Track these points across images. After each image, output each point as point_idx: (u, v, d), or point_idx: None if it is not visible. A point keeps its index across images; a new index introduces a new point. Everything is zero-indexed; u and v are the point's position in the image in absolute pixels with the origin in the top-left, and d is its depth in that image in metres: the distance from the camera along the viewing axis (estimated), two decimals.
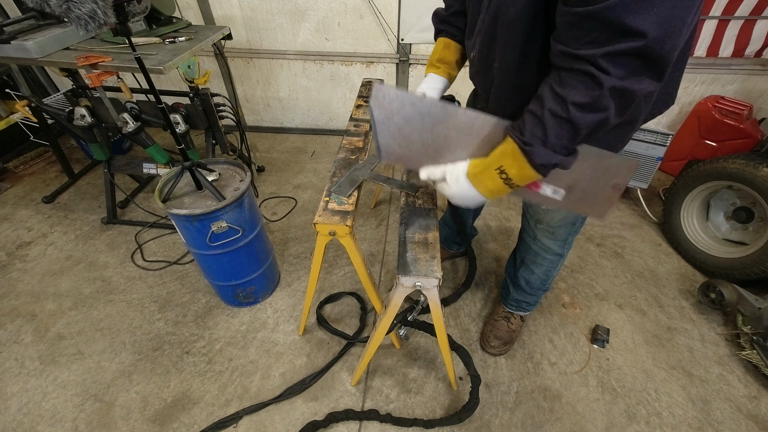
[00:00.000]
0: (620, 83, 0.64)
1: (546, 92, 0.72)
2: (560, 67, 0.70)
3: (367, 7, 2.45)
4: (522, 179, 0.79)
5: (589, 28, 0.63)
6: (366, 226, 2.22)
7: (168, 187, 1.42)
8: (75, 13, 0.95)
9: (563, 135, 0.71)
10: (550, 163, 0.74)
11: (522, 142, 0.75)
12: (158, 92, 1.31)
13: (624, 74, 0.64)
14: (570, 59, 0.68)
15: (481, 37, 0.91)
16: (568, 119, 0.69)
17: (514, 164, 0.78)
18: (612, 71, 0.63)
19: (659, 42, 0.60)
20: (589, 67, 0.65)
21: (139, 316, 1.71)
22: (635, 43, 0.60)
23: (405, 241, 1.08)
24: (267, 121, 3.14)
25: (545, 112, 0.71)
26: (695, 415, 1.43)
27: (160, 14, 1.95)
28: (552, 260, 1.35)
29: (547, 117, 0.71)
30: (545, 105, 0.71)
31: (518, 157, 0.76)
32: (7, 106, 2.53)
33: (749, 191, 1.80)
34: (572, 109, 0.68)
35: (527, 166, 0.76)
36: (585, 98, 0.66)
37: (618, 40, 0.61)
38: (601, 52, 0.63)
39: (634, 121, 0.94)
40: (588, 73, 0.65)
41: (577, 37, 0.66)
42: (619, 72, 0.63)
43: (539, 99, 0.74)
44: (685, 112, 2.58)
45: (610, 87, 0.64)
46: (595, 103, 0.66)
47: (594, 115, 0.68)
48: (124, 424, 1.36)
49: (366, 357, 1.36)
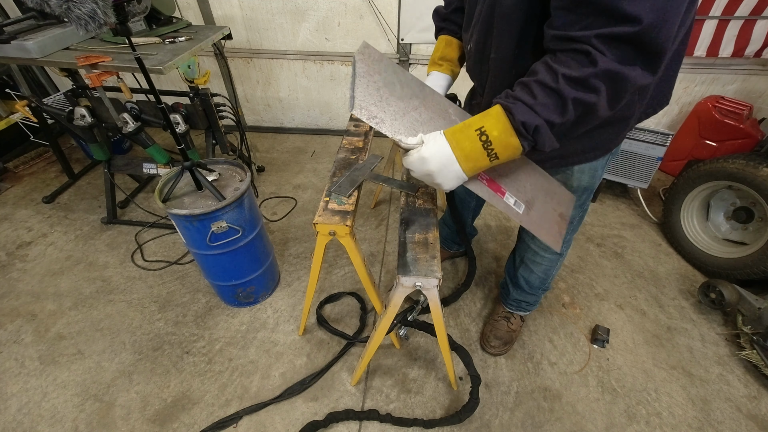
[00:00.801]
0: (615, 66, 0.64)
1: (539, 66, 0.72)
2: (555, 49, 0.71)
3: (367, 7, 2.45)
4: (501, 144, 0.76)
5: (583, 13, 0.64)
6: (366, 226, 2.22)
7: (168, 187, 1.42)
8: (75, 13, 0.95)
9: (549, 104, 0.70)
10: (531, 123, 0.71)
11: (506, 101, 0.74)
12: (158, 92, 1.31)
13: (618, 59, 0.64)
14: (564, 41, 0.68)
15: (479, 28, 0.92)
16: (556, 89, 0.68)
17: (497, 124, 0.75)
18: (607, 53, 0.64)
19: (654, 29, 0.60)
20: (584, 46, 0.65)
21: (139, 316, 1.71)
22: (630, 28, 0.61)
23: (405, 241, 1.08)
24: (267, 121, 3.14)
25: (533, 82, 0.71)
26: (695, 415, 1.43)
27: (160, 14, 1.95)
28: (551, 259, 1.36)
29: (534, 85, 0.71)
30: (536, 76, 0.72)
31: (501, 117, 0.75)
32: (7, 106, 2.53)
33: (749, 191, 1.80)
34: (562, 80, 0.67)
35: (509, 126, 0.74)
36: (577, 73, 0.66)
37: (613, 24, 0.62)
38: (595, 33, 0.63)
39: (627, 118, 0.94)
40: (583, 51, 0.65)
41: (572, 22, 0.66)
42: (614, 56, 0.64)
43: (532, 72, 0.74)
44: (685, 112, 2.58)
45: (604, 67, 0.64)
46: (586, 80, 0.66)
47: (583, 93, 0.67)
48: (124, 424, 1.36)
49: (366, 357, 1.36)
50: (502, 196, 0.92)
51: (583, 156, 1.02)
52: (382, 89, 0.87)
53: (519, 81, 0.76)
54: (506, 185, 0.92)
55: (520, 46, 0.83)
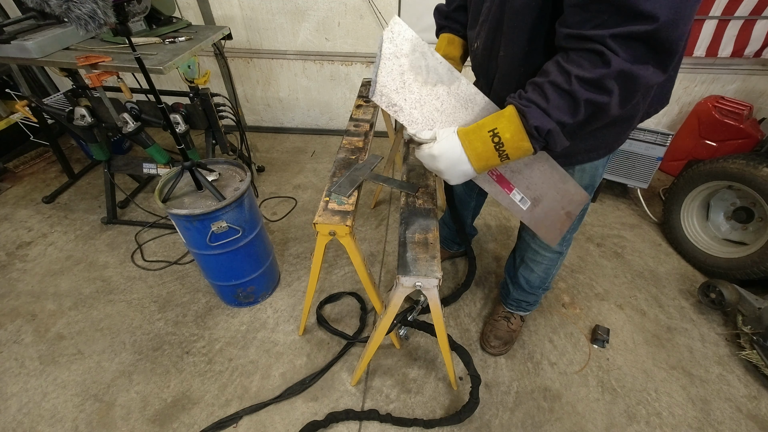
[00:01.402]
0: (628, 66, 0.63)
1: (551, 66, 0.72)
2: (567, 48, 0.70)
3: (367, 7, 2.45)
4: (513, 147, 0.77)
5: (597, 11, 0.63)
6: (366, 226, 2.22)
7: (168, 187, 1.42)
8: (75, 13, 0.95)
9: (562, 105, 0.70)
10: (544, 127, 0.72)
11: (520, 103, 0.74)
12: (158, 92, 1.31)
13: (631, 59, 0.63)
14: (577, 40, 0.67)
15: (487, 26, 0.90)
16: (569, 91, 0.68)
17: (509, 127, 0.76)
18: (621, 53, 0.63)
19: (669, 27, 0.60)
20: (598, 46, 0.64)
21: (139, 316, 1.71)
22: (647, 26, 0.60)
23: (405, 241, 1.08)
24: (267, 121, 3.14)
25: (547, 83, 0.71)
26: (695, 415, 1.43)
27: (160, 14, 1.95)
28: (551, 258, 1.36)
29: (547, 87, 0.71)
30: (549, 77, 0.71)
31: (514, 119, 0.75)
32: (7, 106, 2.53)
33: (749, 191, 1.80)
34: (575, 82, 0.67)
35: (521, 129, 0.75)
36: (590, 74, 0.66)
37: (628, 23, 0.61)
38: (610, 32, 0.62)
39: (631, 118, 0.94)
40: (596, 51, 0.64)
41: (586, 20, 0.65)
42: (628, 56, 0.63)
43: (544, 72, 0.74)
44: (685, 112, 2.58)
45: (617, 68, 0.63)
46: (599, 81, 0.66)
47: (596, 94, 0.67)
48: (124, 424, 1.36)
49: (366, 357, 1.36)
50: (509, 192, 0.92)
51: (587, 155, 1.01)
52: (406, 73, 0.85)
53: (531, 81, 0.75)
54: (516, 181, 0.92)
55: (531, 44, 0.82)
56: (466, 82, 0.89)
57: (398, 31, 0.83)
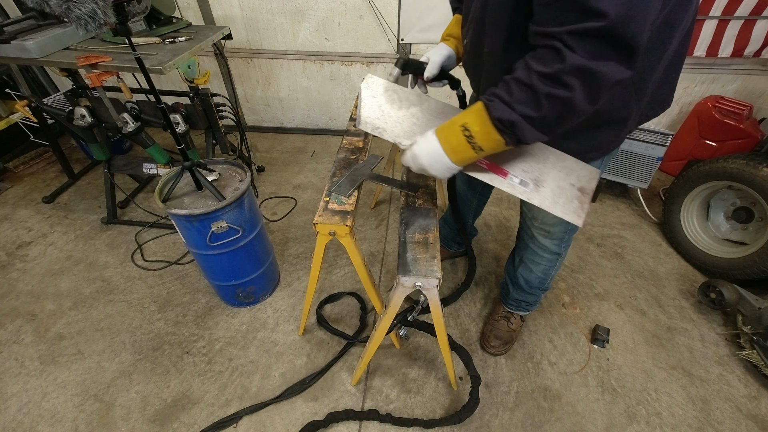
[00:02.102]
0: (584, 63, 0.65)
1: (519, 63, 0.76)
2: (535, 45, 0.74)
3: (367, 7, 2.45)
4: (483, 138, 0.82)
5: (559, 9, 0.66)
6: (366, 226, 2.22)
7: (168, 187, 1.42)
8: (75, 13, 0.95)
9: (524, 99, 0.73)
10: (506, 118, 0.75)
11: (486, 98, 0.79)
12: (158, 92, 1.31)
13: (590, 55, 0.65)
14: (542, 37, 0.71)
15: (474, 24, 0.95)
16: (529, 84, 0.72)
17: (477, 120, 0.81)
18: (578, 50, 0.65)
19: (621, 23, 0.62)
20: (556, 42, 0.67)
21: (139, 316, 1.71)
22: (597, 23, 0.62)
23: (405, 241, 1.08)
24: (267, 121, 3.14)
25: (512, 79, 0.76)
26: (695, 415, 1.43)
27: (160, 14, 1.95)
28: (550, 259, 1.36)
29: (512, 82, 0.75)
30: (515, 73, 0.75)
31: (481, 113, 0.80)
32: (7, 106, 2.53)
33: (749, 191, 1.80)
34: (534, 76, 0.71)
35: (488, 122, 0.79)
36: (548, 69, 0.69)
37: (582, 20, 0.63)
38: (566, 29, 0.65)
39: (624, 119, 0.94)
40: (554, 47, 0.68)
41: (550, 18, 0.69)
42: (585, 52, 0.65)
43: (513, 69, 0.78)
44: (685, 112, 2.58)
45: (572, 64, 0.66)
46: (555, 76, 0.68)
47: (555, 89, 0.70)
48: (124, 424, 1.36)
49: (366, 357, 1.36)
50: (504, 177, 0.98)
51: (582, 156, 1.02)
52: (383, 105, 1.06)
53: (502, 78, 0.79)
54: (509, 167, 0.98)
55: (510, 42, 0.86)
56: (434, 100, 1.06)
57: (372, 81, 1.06)
